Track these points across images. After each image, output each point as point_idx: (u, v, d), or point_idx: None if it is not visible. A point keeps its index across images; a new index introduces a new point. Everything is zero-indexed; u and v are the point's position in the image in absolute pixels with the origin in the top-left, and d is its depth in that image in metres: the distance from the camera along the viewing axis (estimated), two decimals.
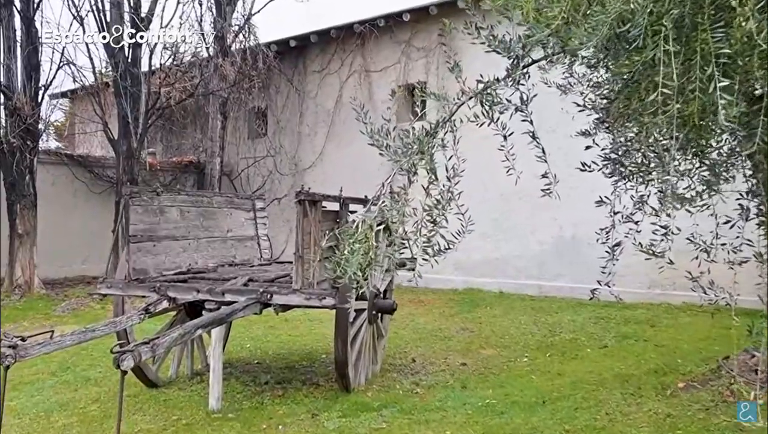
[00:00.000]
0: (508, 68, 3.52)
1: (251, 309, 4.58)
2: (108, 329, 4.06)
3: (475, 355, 6.78)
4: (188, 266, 5.51)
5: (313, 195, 4.83)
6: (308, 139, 13.45)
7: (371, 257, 3.63)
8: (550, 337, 7.52)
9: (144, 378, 5.42)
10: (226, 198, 6.23)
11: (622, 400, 4.75)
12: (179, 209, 5.47)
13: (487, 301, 10.02)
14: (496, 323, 8.45)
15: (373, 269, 3.89)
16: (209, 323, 4.02)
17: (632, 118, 3.87)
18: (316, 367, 6.33)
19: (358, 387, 5.35)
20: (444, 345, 7.31)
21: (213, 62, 11.75)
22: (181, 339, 3.72)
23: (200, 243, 5.73)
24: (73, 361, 6.45)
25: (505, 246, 10.81)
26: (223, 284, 5.01)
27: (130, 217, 4.88)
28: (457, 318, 8.87)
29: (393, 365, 6.35)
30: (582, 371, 5.76)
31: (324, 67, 13.33)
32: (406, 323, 8.45)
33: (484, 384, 5.58)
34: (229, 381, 5.76)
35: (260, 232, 6.71)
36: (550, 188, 4.14)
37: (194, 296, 4.76)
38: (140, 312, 4.45)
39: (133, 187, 5.28)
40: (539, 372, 5.92)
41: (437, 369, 6.20)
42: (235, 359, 6.68)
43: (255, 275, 5.29)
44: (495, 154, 4.04)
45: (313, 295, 4.64)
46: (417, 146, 3.79)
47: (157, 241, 5.16)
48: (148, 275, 5.05)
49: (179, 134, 15.12)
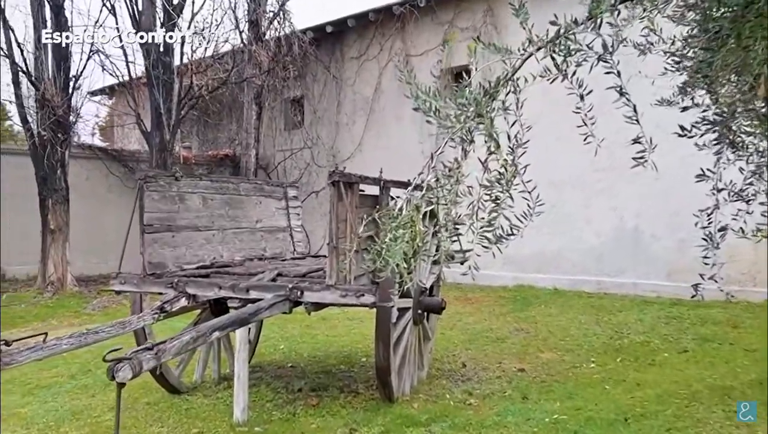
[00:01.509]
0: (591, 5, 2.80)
1: (279, 308, 3.97)
2: (115, 330, 3.50)
3: (534, 359, 6.06)
4: (212, 260, 4.94)
5: (349, 176, 4.19)
6: (346, 129, 12.87)
7: (418, 244, 2.95)
8: (617, 339, 6.75)
9: (165, 383, 4.88)
10: (255, 185, 5.64)
11: (726, 420, 3.96)
12: (201, 196, 4.90)
13: (540, 298, 9.27)
14: (553, 322, 7.70)
15: (420, 261, 3.20)
16: (229, 325, 3.42)
17: (742, 69, 3.10)
18: (355, 372, 5.70)
19: (403, 397, 4.70)
20: (497, 347, 6.60)
21: (247, 49, 11.23)
22: (194, 343, 3.13)
23: (226, 235, 5.16)
24: (95, 363, 5.96)
25: (558, 239, 10.01)
26: (248, 279, 4.42)
27: (144, 204, 4.32)
28: (509, 317, 8.14)
29: (441, 370, 5.68)
30: (666, 380, 4.97)
31: (362, 53, 12.73)
32: (453, 322, 7.77)
33: (548, 394, 4.86)
34: (259, 387, 5.18)
35: (293, 223, 6.12)
36: (644, 155, 3.37)
37: (216, 293, 4.18)
38: (154, 311, 3.89)
39: (149, 171, 4.73)
40: (613, 380, 5.16)
41: (492, 376, 5.50)
42: (267, 362, 6.11)
43: (285, 270, 4.68)
44: (544, 136, 3.31)
45: (350, 292, 4.00)
46: (474, 108, 3.09)
47: (176, 231, 4.59)
48: (166, 269, 4.49)
49: (215, 127, 14.73)
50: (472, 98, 3.19)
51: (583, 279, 9.81)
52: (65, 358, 6.01)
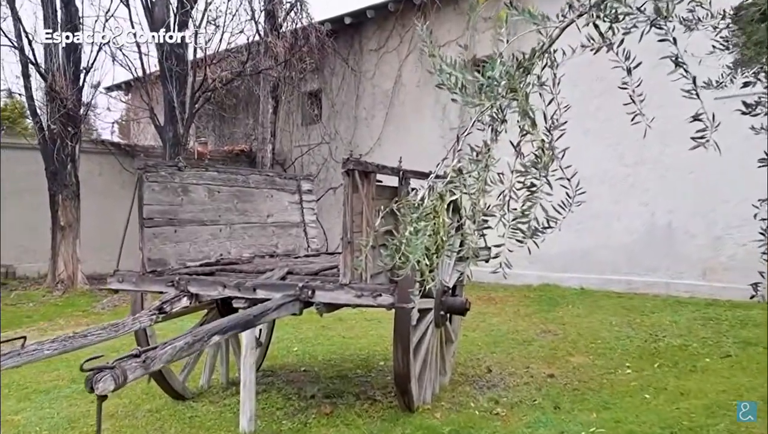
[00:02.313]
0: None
1: (288, 309, 3.61)
2: (106, 333, 3.17)
3: (564, 364, 5.65)
4: (218, 257, 4.60)
5: (366, 165, 3.82)
6: (365, 123, 12.50)
7: (442, 239, 2.57)
8: (652, 342, 6.31)
9: (168, 388, 4.55)
10: (266, 177, 5.29)
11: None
12: (207, 188, 4.56)
13: (567, 298, 8.83)
14: (582, 324, 7.27)
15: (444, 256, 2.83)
16: (230, 328, 3.08)
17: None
18: (372, 377, 5.33)
19: (424, 406, 4.33)
20: (524, 350, 6.19)
21: (263, 41, 10.90)
22: (190, 349, 2.79)
23: (234, 230, 4.82)
24: None
25: (586, 236, 9.54)
26: (256, 277, 4.08)
27: (144, 196, 3.99)
28: (535, 318, 7.73)
29: (465, 376, 5.30)
30: (712, 389, 4.54)
31: (381, 45, 12.36)
32: (476, 323, 7.38)
33: (582, 403, 4.45)
34: (269, 393, 4.84)
35: (307, 218, 5.76)
36: (705, 134, 2.95)
37: (220, 293, 3.83)
38: (152, 312, 3.55)
39: (148, 160, 4.40)
40: (652, 388, 4.74)
41: (519, 382, 5.11)
42: (279, 365, 5.76)
43: (296, 268, 4.32)
44: (570, 129, 2.92)
45: (366, 291, 3.64)
46: (506, 82, 2.70)
47: (179, 226, 4.26)
48: (168, 266, 4.15)
49: (231, 122, 14.45)
50: (504, 71, 2.79)
51: (611, 278, 9.37)
52: (67, 360, 5.71)
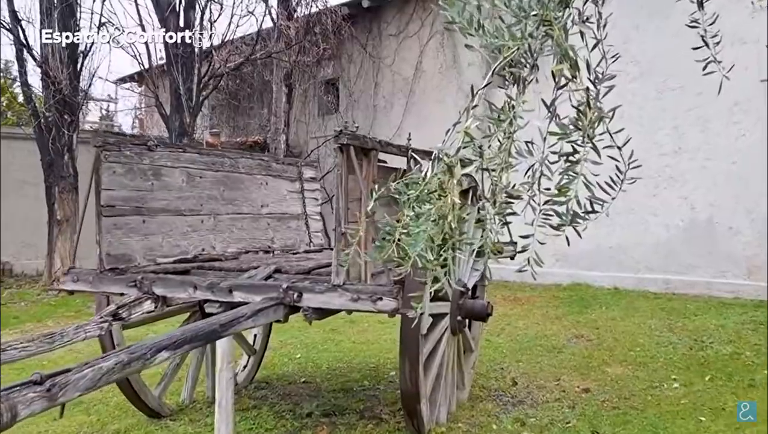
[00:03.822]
0: None
1: (268, 315, 2.96)
2: (34, 347, 2.54)
3: (600, 375, 4.95)
4: (199, 252, 3.96)
5: (364, 139, 3.14)
6: (384, 112, 11.83)
7: (450, 226, 1.89)
8: (698, 350, 5.58)
9: (141, 405, 3.93)
10: (260, 162, 4.63)
11: None
12: (186, 172, 3.92)
13: (600, 299, 8.11)
14: (618, 328, 6.53)
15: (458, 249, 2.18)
16: (185, 341, 2.43)
17: None
18: (380, 391, 4.67)
19: (437, 428, 3.66)
20: (554, 359, 5.48)
21: (275, 24, 10.28)
22: (122, 371, 2.14)
23: (219, 221, 4.17)
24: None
25: (620, 232, 8.81)
26: (239, 276, 3.43)
27: (101, 178, 3.36)
28: (565, 321, 7.00)
29: (486, 389, 4.61)
30: None
31: (401, 30, 11.71)
32: (501, 327, 6.67)
33: (625, 427, 3.74)
34: (260, 409, 4.20)
35: (310, 209, 5.11)
36: None
37: (189, 295, 3.19)
38: (103, 319, 2.93)
39: (108, 136, 3.78)
40: (707, 409, 4.01)
41: (549, 397, 4.41)
42: (276, 376, 5.12)
43: (287, 265, 3.66)
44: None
45: (364, 294, 2.96)
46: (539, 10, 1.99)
47: (148, 215, 3.62)
48: (133, 263, 3.52)
49: (246, 113, 13.88)
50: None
51: (647, 277, 8.66)
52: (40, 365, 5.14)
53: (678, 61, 8.06)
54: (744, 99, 7.58)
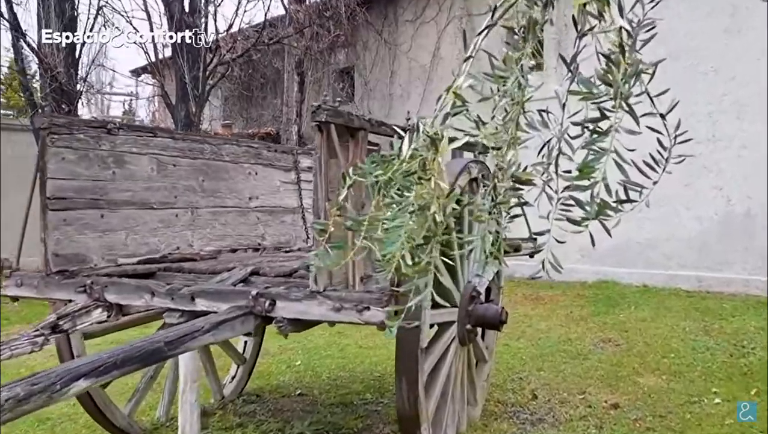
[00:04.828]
0: None
1: (234, 328, 2.45)
2: None
3: (631, 387, 4.40)
4: (172, 250, 3.47)
5: (350, 117, 2.61)
6: (400, 101, 11.31)
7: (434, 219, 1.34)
8: (740, 357, 5.02)
9: (107, 423, 3.46)
10: (248, 149, 4.13)
11: None
12: (156, 159, 3.42)
13: (628, 298, 7.52)
14: (649, 331, 5.96)
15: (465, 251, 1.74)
16: (113, 367, 1.92)
17: None
18: (383, 404, 4.15)
19: None
20: (579, 367, 4.93)
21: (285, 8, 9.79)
22: (14, 410, 1.63)
23: (198, 215, 3.68)
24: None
25: (649, 226, 8.19)
26: (210, 279, 2.94)
27: (47, 166, 2.89)
28: (591, 323, 6.43)
29: (502, 404, 4.08)
30: None
31: (418, 15, 11.18)
32: (520, 329, 6.12)
33: None
34: (246, 428, 3.71)
35: (307, 201, 4.60)
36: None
37: (146, 302, 2.70)
38: (37, 332, 2.45)
39: (56, 116, 3.30)
40: (757, 431, 3.43)
41: (574, 414, 3.88)
42: (270, 387, 4.63)
43: (269, 266, 3.15)
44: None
45: (348, 303, 2.44)
46: None
47: (108, 209, 3.14)
48: (88, 264, 3.04)
49: (260, 104, 13.46)
50: None
51: (679, 274, 8.08)
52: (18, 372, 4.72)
53: (711, 44, 7.47)
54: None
